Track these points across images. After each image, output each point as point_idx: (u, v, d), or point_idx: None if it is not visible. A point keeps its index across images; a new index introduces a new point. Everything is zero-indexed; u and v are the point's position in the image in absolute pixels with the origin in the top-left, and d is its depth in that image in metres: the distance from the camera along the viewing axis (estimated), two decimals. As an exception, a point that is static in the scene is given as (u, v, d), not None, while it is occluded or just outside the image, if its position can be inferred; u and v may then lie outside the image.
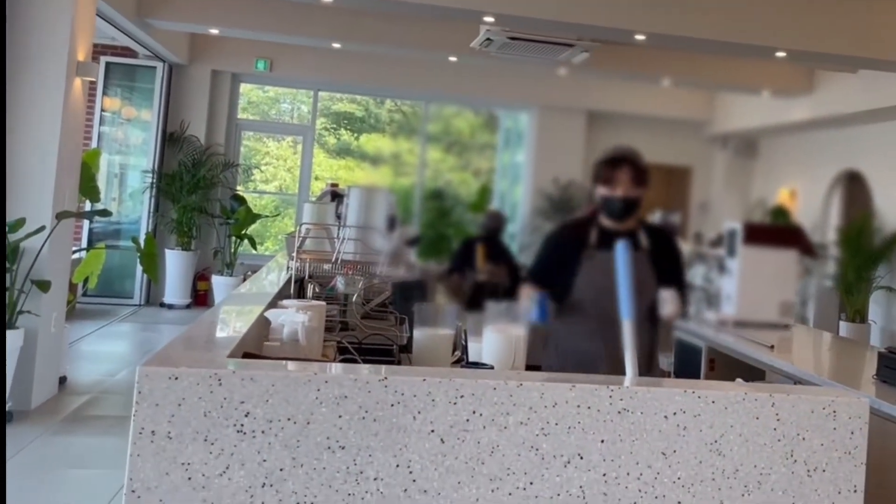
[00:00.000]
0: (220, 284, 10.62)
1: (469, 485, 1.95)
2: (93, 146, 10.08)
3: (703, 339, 4.79)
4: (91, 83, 6.55)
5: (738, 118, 10.41)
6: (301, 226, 4.11)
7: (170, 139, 10.86)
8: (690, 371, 4.80)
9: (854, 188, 9.77)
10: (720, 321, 3.30)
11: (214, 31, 9.62)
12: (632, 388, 2.05)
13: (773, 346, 4.37)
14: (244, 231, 10.74)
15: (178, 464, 1.87)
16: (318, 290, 3.69)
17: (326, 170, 11.87)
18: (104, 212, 6.74)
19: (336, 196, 4.70)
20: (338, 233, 3.89)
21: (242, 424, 1.89)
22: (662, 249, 3.44)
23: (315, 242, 4.07)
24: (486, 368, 2.71)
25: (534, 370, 2.89)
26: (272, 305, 3.02)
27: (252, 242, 10.80)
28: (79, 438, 5.38)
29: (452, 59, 9.98)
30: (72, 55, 6.00)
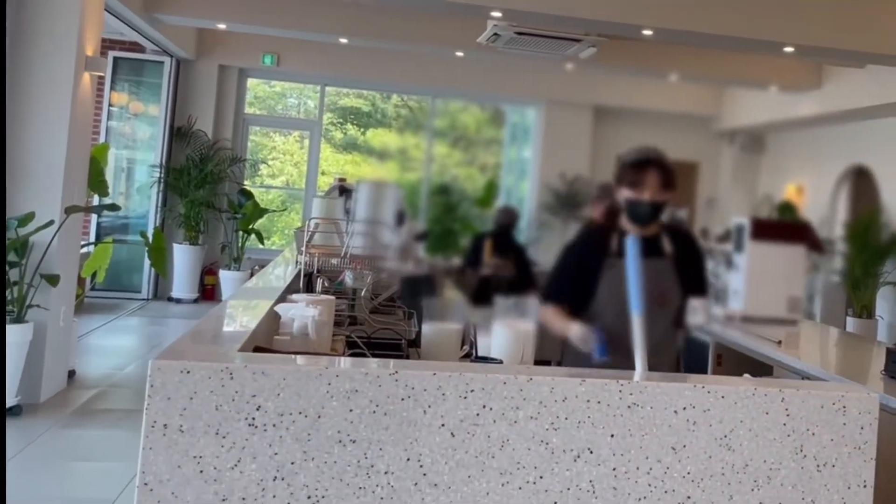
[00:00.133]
0: (228, 279, 10.64)
1: (479, 479, 1.96)
2: (101, 141, 10.11)
3: (711, 335, 4.79)
4: (99, 78, 6.57)
5: (746, 114, 10.39)
6: (310, 220, 4.12)
7: (177, 134, 10.88)
8: (698, 366, 4.80)
9: (861, 183, 9.74)
10: (727, 316, 3.27)
11: (222, 26, 9.63)
12: (641, 383, 2.05)
13: (781, 342, 4.37)
14: (251, 226, 10.75)
15: (190, 457, 1.88)
16: (327, 285, 3.71)
17: (333, 165, 11.88)
18: (113, 206, 6.77)
19: (344, 191, 4.71)
20: (346, 227, 3.90)
21: (254, 418, 1.90)
22: (687, 254, 3.28)
23: (324, 237, 4.08)
24: (495, 363, 2.73)
25: (542, 365, 2.90)
26: (281, 300, 3.03)
27: (259, 237, 10.82)
28: (88, 431, 5.40)
29: (459, 55, 9.96)
30: (80, 50, 6.01)
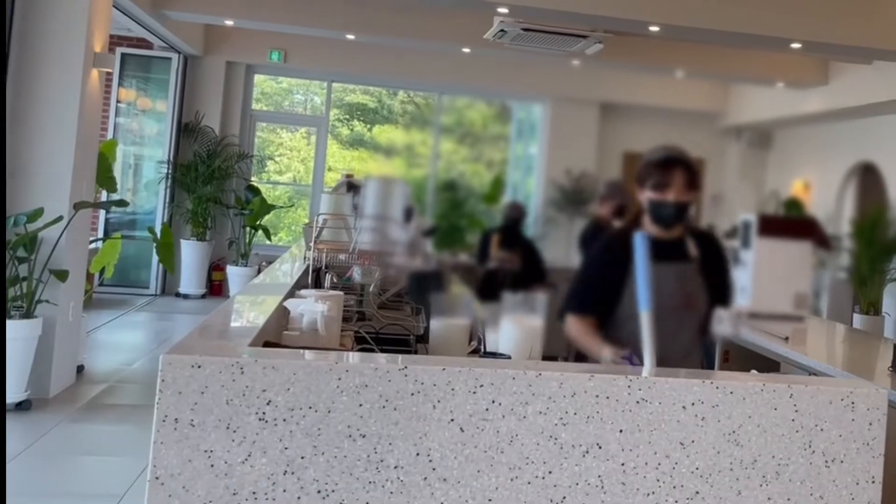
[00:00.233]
0: (235, 275, 10.67)
1: (488, 473, 1.96)
2: (108, 137, 10.13)
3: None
4: (107, 74, 6.58)
5: (752, 110, 10.37)
6: (318, 216, 4.13)
7: (185, 130, 10.91)
8: (705, 363, 4.79)
9: (868, 180, 9.73)
10: (735, 313, 3.26)
11: (229, 23, 9.65)
12: (650, 379, 2.06)
13: (788, 338, 4.38)
14: (258, 222, 10.78)
15: (201, 451, 1.88)
16: (336, 281, 3.72)
17: (340, 161, 11.90)
18: (121, 202, 6.79)
19: (352, 187, 4.72)
20: (354, 223, 3.92)
21: (264, 412, 1.91)
22: (712, 258, 3.15)
23: (332, 233, 4.10)
24: (504, 358, 2.73)
25: (550, 361, 2.90)
26: (290, 295, 3.04)
27: (266, 233, 10.84)
28: (96, 426, 5.43)
29: (466, 51, 9.97)
30: (89, 46, 6.03)
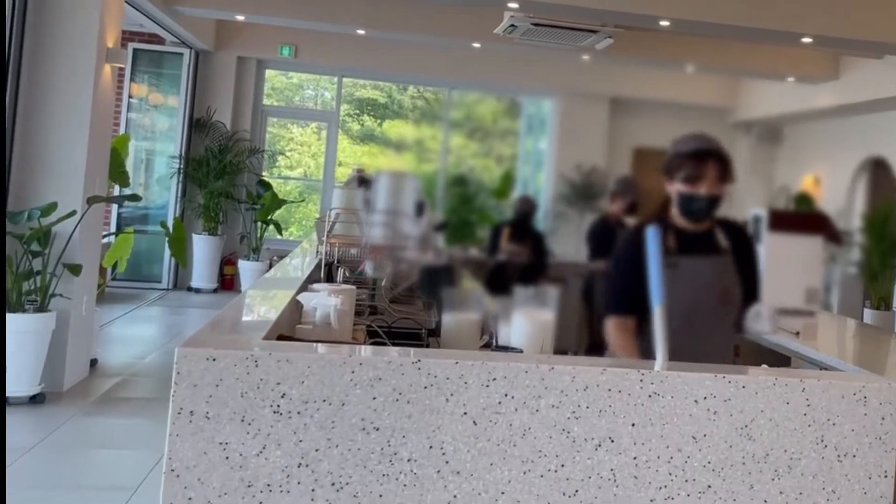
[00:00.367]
0: (247, 269, 10.71)
1: (501, 466, 1.98)
2: (121, 132, 10.17)
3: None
4: (119, 69, 6.61)
5: (763, 105, 10.30)
6: (330, 211, 4.14)
7: (196, 125, 10.94)
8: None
9: (879, 175, 9.68)
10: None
11: (240, 18, 9.67)
12: (662, 373, 2.06)
13: (799, 333, 4.36)
14: (270, 216, 10.81)
15: (216, 443, 1.90)
16: (348, 275, 3.73)
17: (350, 156, 11.91)
18: (134, 196, 6.83)
19: (363, 181, 4.73)
20: (366, 218, 3.92)
21: (279, 405, 1.92)
22: (743, 249, 3.03)
23: (344, 227, 4.11)
24: (515, 352, 2.74)
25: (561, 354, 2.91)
26: (302, 290, 3.06)
27: (277, 228, 10.87)
28: (110, 419, 5.46)
29: (476, 46, 9.96)
30: (101, 42, 6.05)
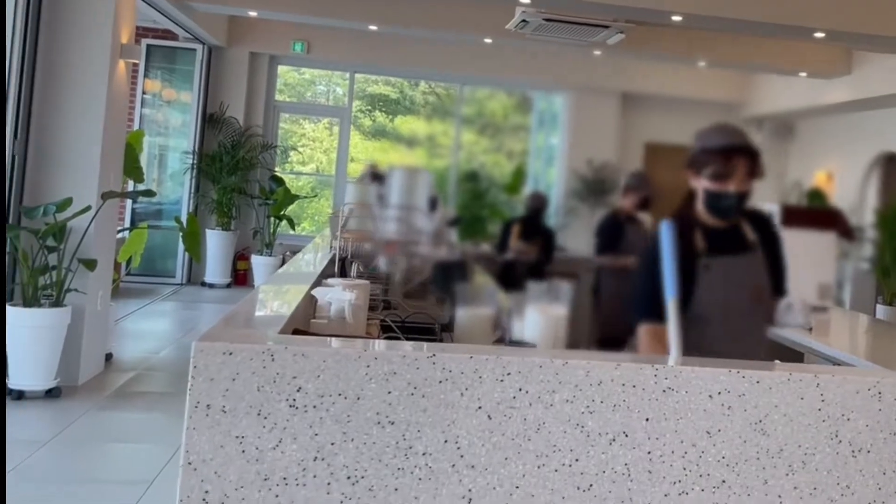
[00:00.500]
0: (260, 264, 10.75)
1: (516, 461, 1.98)
2: (134, 128, 10.23)
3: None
4: (133, 65, 6.65)
5: (775, 100, 10.30)
6: (344, 206, 4.16)
7: (209, 121, 10.99)
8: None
9: (892, 170, 9.64)
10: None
11: (253, 14, 9.69)
12: (676, 368, 2.06)
13: (812, 329, 4.36)
14: (282, 212, 10.84)
15: (233, 437, 1.91)
16: (362, 269, 3.75)
17: (362, 151, 11.94)
18: (148, 192, 6.86)
19: (376, 177, 4.74)
20: (379, 213, 3.93)
21: (295, 399, 1.93)
22: (769, 241, 2.94)
23: (357, 222, 4.12)
24: (529, 347, 2.75)
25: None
26: (317, 284, 3.07)
27: (290, 223, 10.91)
28: (125, 414, 5.51)
29: (487, 41, 9.96)
30: (115, 37, 6.08)
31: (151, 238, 7.95)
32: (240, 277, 11.06)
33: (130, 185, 7.60)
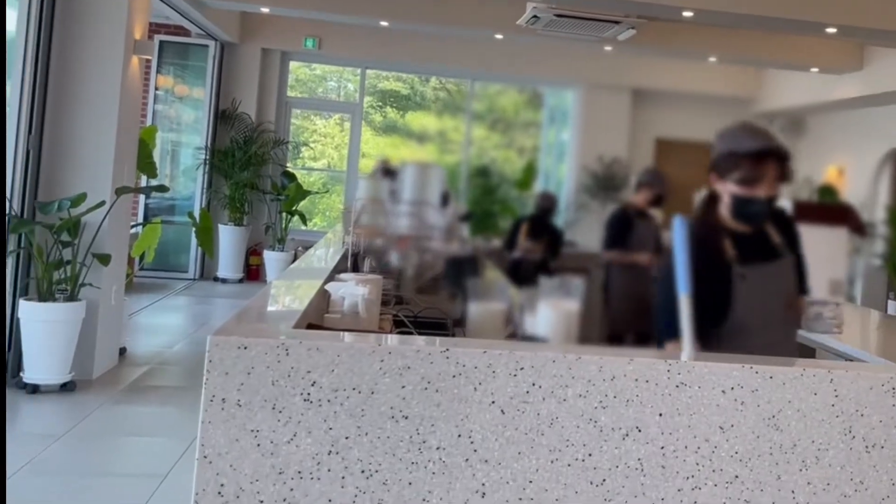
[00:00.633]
0: (272, 259, 10.79)
1: (529, 455, 1.99)
2: (147, 124, 10.27)
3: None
4: (146, 61, 6.67)
5: (786, 95, 10.25)
6: (356, 201, 4.16)
7: (222, 116, 11.02)
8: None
9: (904, 166, 9.57)
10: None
11: (265, 10, 9.70)
12: (689, 363, 2.07)
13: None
14: (294, 207, 10.87)
15: (248, 430, 1.93)
16: (374, 265, 3.76)
17: (373, 147, 11.96)
18: (161, 187, 6.89)
19: (388, 172, 4.75)
20: (392, 208, 3.94)
21: (309, 393, 1.94)
22: (793, 241, 2.85)
23: (369, 218, 4.12)
24: (541, 342, 2.75)
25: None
26: (329, 279, 3.08)
27: (302, 218, 10.93)
28: (139, 407, 5.54)
29: (498, 37, 9.95)
30: (129, 33, 6.11)
31: (164, 233, 7.99)
32: (252, 272, 11.10)
33: (143, 181, 7.63)
